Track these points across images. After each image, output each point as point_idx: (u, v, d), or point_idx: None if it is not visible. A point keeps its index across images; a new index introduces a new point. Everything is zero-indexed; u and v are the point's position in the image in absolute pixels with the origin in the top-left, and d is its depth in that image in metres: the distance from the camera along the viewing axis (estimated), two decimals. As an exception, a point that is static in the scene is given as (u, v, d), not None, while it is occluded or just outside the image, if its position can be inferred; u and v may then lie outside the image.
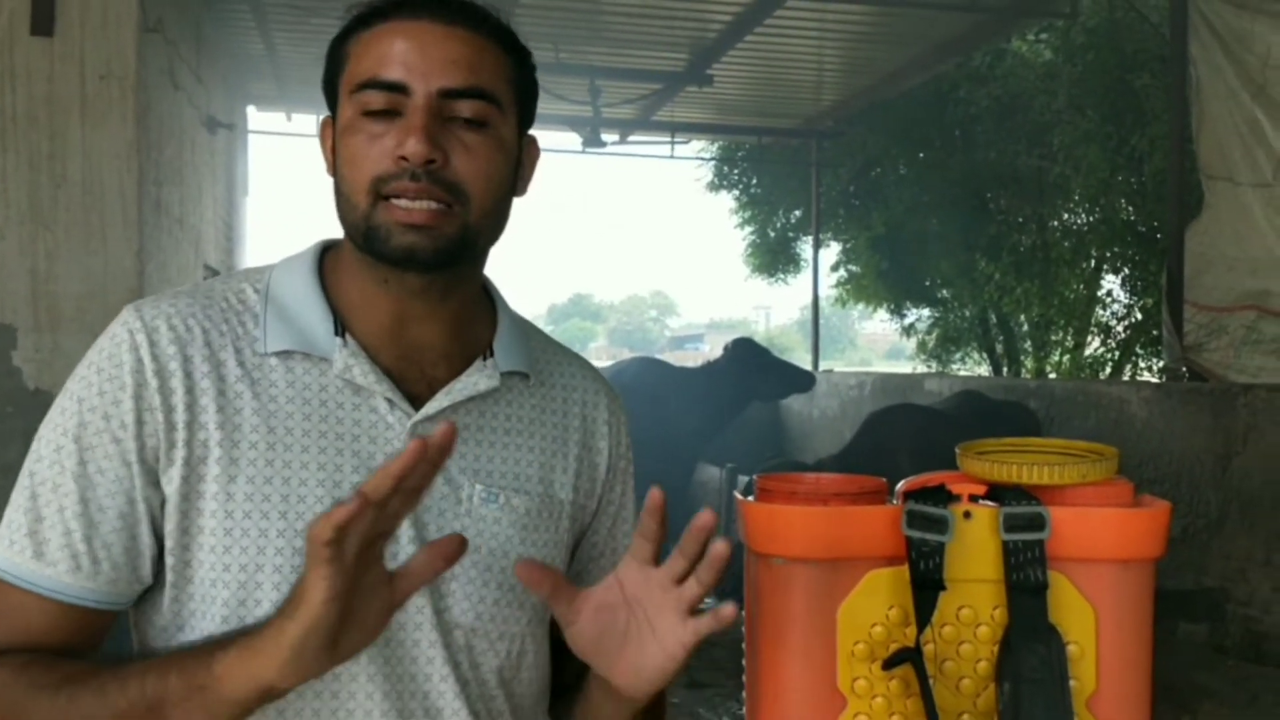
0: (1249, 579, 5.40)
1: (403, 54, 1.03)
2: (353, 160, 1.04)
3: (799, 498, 1.12)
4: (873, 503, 1.12)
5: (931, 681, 1.07)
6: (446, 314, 1.11)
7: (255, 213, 9.95)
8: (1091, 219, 9.93)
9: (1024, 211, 10.06)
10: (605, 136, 9.85)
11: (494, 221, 1.08)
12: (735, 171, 12.52)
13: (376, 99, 1.03)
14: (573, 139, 9.95)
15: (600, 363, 11.73)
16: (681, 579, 0.99)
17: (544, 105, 8.95)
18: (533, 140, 1.15)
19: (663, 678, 1.01)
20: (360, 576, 0.90)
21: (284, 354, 1.08)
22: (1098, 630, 1.09)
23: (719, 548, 0.96)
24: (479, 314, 1.17)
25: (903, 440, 5.18)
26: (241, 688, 0.93)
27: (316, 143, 1.16)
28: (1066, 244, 10.13)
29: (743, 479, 7.94)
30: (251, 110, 10.05)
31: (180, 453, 1.04)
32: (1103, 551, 1.09)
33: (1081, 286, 10.21)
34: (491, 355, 1.14)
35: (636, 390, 8.02)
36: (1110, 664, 1.09)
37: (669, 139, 11.07)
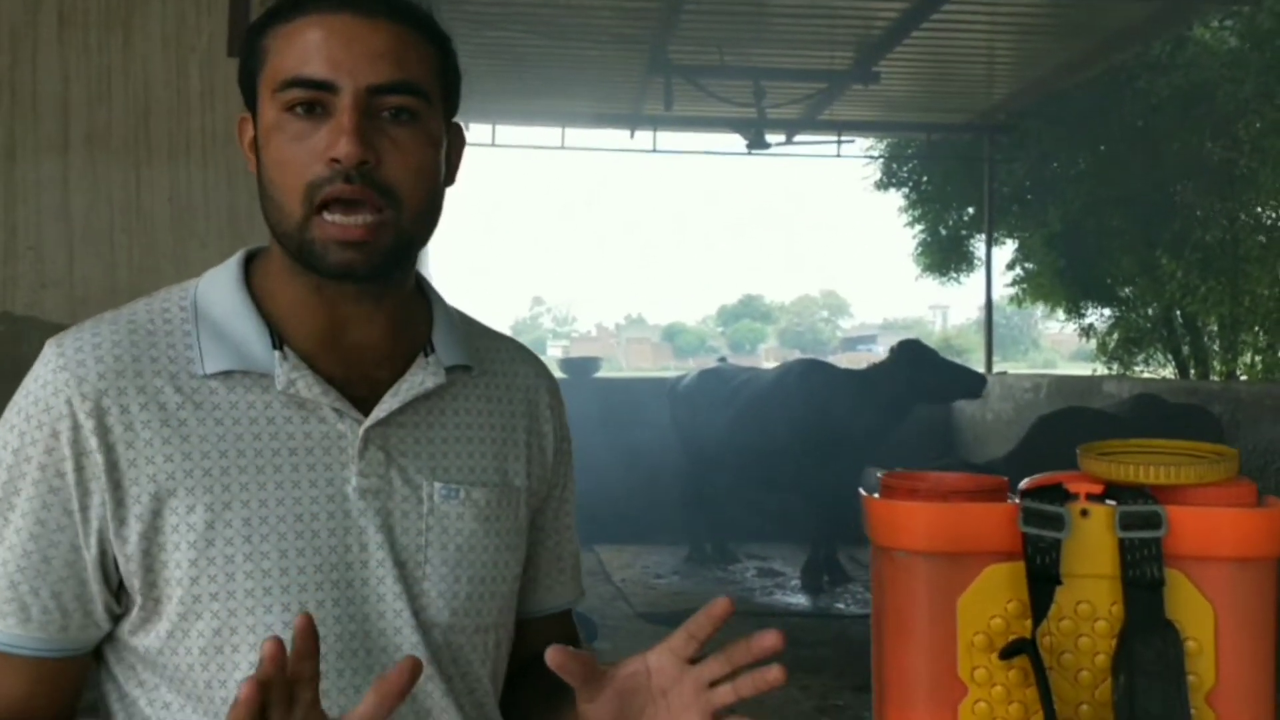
0: None
1: (326, 49, 1.00)
2: (281, 163, 1.01)
3: (920, 494, 1.18)
4: (992, 500, 1.16)
5: (1050, 673, 1.11)
6: (384, 315, 1.09)
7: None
8: (1284, 212, 9.43)
9: (1210, 206, 9.61)
10: (770, 137, 9.87)
11: (427, 220, 1.07)
12: (904, 169, 12.34)
13: (302, 97, 1.00)
14: (737, 141, 10.00)
15: (767, 365, 11.75)
16: (716, 682, 0.95)
17: (708, 108, 9.06)
18: (458, 128, 1.13)
19: None
20: None
21: (224, 374, 1.05)
22: (1216, 627, 1.11)
23: (774, 674, 0.93)
24: (415, 310, 1.15)
25: (1071, 445, 5.04)
26: None
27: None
28: (1259, 239, 9.63)
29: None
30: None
31: (130, 491, 1.01)
32: (1220, 550, 1.11)
33: (1276, 284, 9.69)
34: (433, 351, 1.13)
35: (801, 393, 8.03)
36: (1230, 660, 1.11)
37: (835, 138, 11.01)
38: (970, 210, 12.13)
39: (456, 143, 1.12)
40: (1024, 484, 1.18)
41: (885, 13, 7.81)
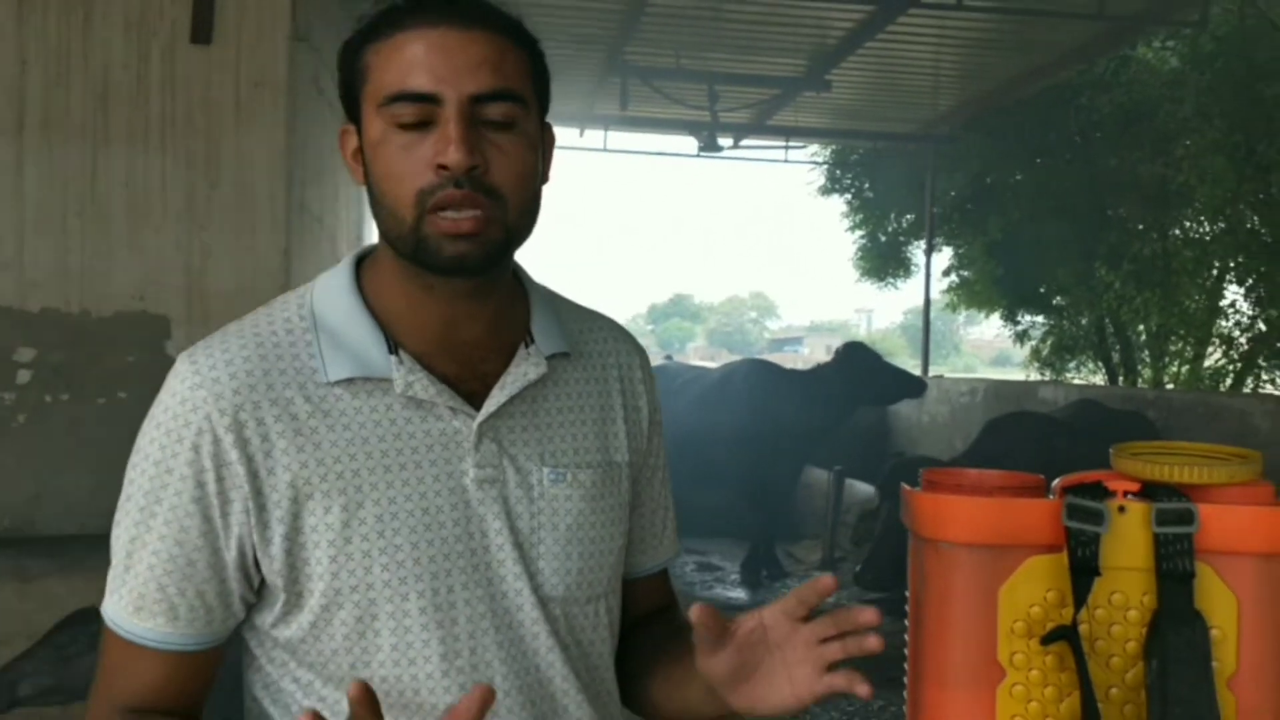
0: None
1: (427, 62, 1.04)
2: (391, 174, 1.06)
3: (965, 489, 1.25)
4: (1032, 496, 1.24)
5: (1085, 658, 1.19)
6: (489, 310, 1.15)
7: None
8: (1215, 228, 9.76)
9: (1145, 220, 9.91)
10: (720, 140, 9.98)
11: (529, 218, 1.11)
12: (848, 176, 12.54)
13: (409, 111, 1.04)
14: (684, 142, 10.10)
15: (702, 363, 11.83)
16: (826, 639, 1.05)
17: (663, 110, 9.08)
18: (549, 128, 1.16)
19: (781, 712, 1.07)
20: None
21: (346, 381, 1.11)
22: (1239, 617, 1.19)
23: (873, 642, 1.05)
24: (514, 302, 1.21)
25: (1023, 447, 5.22)
26: None
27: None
28: (1188, 253, 9.96)
29: (846, 480, 7.99)
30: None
31: (270, 497, 1.08)
32: (1246, 545, 1.19)
33: (1203, 297, 10.04)
34: (533, 342, 1.18)
35: (747, 392, 8.14)
36: (1250, 648, 1.19)
37: (783, 143, 11.16)
38: (910, 217, 12.37)
39: (549, 142, 1.17)
40: (1060, 481, 1.25)
41: (840, 23, 7.95)
